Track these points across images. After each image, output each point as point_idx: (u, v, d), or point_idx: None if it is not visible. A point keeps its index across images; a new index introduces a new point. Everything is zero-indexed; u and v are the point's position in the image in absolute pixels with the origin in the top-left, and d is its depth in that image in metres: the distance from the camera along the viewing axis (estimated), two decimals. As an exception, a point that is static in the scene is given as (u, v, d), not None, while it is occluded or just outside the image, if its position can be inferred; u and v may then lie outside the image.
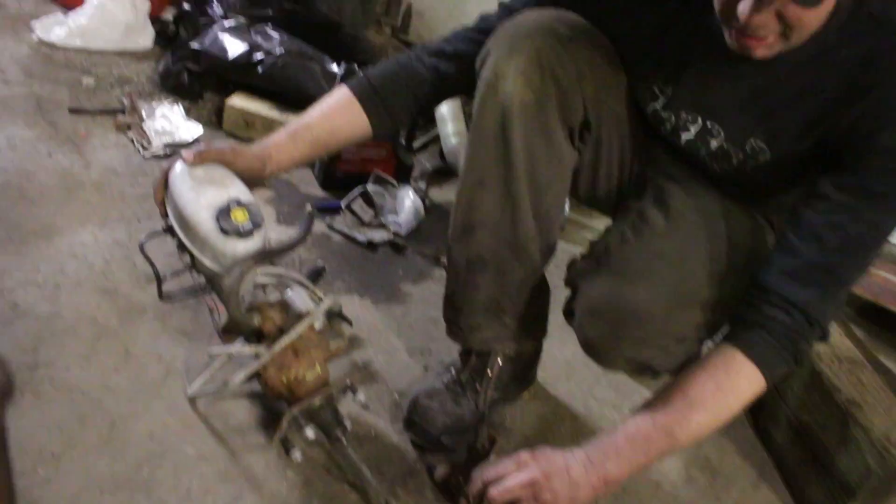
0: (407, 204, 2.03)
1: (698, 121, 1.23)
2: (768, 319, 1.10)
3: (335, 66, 2.32)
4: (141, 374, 1.34)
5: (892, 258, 2.60)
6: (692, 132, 1.25)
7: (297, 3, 2.52)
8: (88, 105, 2.18)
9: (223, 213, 1.13)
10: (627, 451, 1.12)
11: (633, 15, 1.25)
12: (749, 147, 1.19)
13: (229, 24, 2.36)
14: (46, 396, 1.25)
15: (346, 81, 1.39)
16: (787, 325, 1.09)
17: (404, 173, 2.23)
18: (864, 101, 1.07)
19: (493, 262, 1.30)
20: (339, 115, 1.37)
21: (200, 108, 2.34)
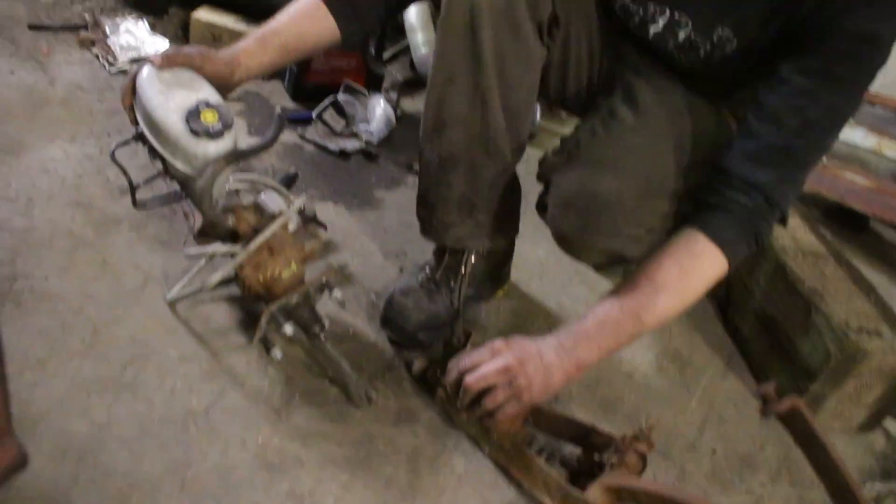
0: (378, 112, 2.03)
1: (666, 12, 1.24)
2: (729, 201, 1.13)
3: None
4: (120, 283, 1.36)
5: (857, 160, 2.65)
6: (660, 24, 1.26)
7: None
8: (49, 21, 2.13)
9: (193, 115, 1.12)
10: (597, 336, 1.16)
11: None
12: (716, 37, 1.20)
13: (191, -66, 2.29)
14: (27, 306, 1.26)
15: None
16: (748, 206, 1.12)
17: (375, 83, 2.22)
18: None
19: (465, 158, 1.31)
20: (307, 20, 1.35)
21: (166, 23, 2.29)
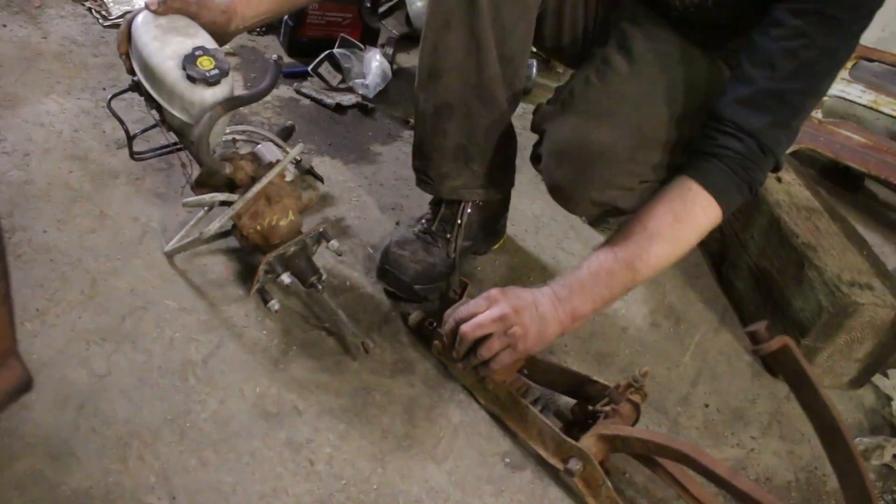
0: (374, 66, 2.02)
1: None
2: (721, 148, 1.13)
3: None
4: (118, 235, 1.36)
5: (854, 116, 2.65)
6: None
7: None
8: (41, -26, 2.11)
9: (189, 61, 1.12)
10: (592, 286, 1.16)
11: None
12: None
13: None
14: (26, 257, 1.27)
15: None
16: (741, 152, 1.12)
17: (370, 37, 2.20)
18: None
19: (460, 107, 1.31)
20: None
21: (159, -23, 2.27)
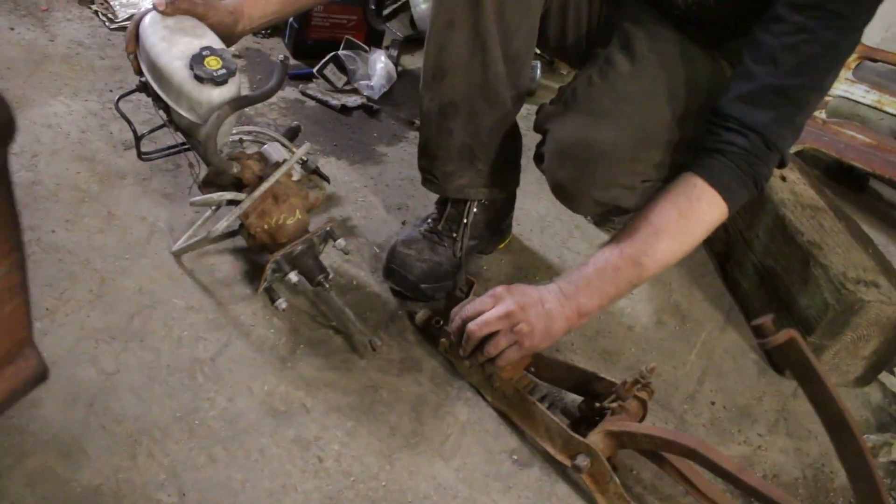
0: (379, 67, 2.03)
1: None
2: (726, 144, 1.13)
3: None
4: (125, 235, 1.37)
5: (858, 116, 2.65)
6: None
7: None
8: (47, -23, 2.12)
9: (197, 61, 1.12)
10: (598, 283, 1.16)
11: None
12: None
13: None
14: (35, 257, 1.28)
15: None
16: (745, 148, 1.12)
17: (375, 39, 2.21)
18: None
19: (465, 106, 1.32)
20: None
21: (164, -20, 2.28)
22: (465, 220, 1.44)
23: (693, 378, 1.52)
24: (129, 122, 1.30)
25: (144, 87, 1.25)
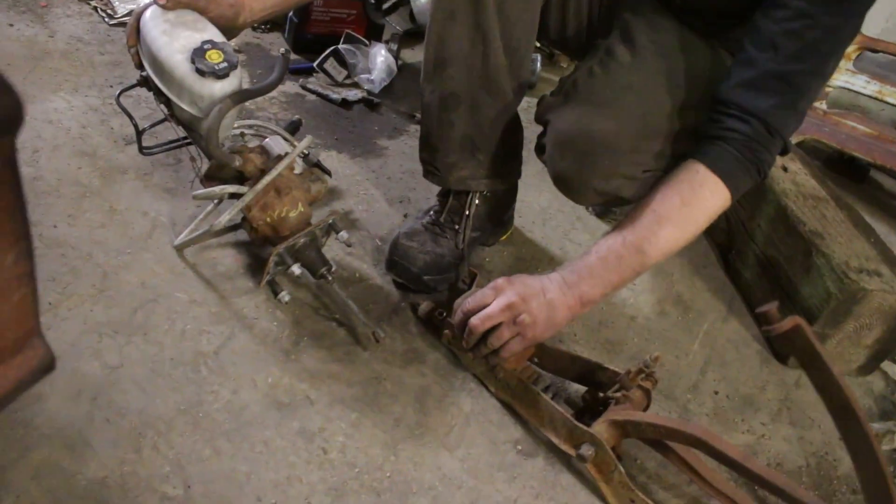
0: (379, 61, 2.03)
1: None
2: (728, 131, 1.13)
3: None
4: (127, 229, 1.37)
5: (859, 107, 2.64)
6: None
7: None
8: (46, -26, 2.12)
9: (198, 55, 1.12)
10: (601, 271, 1.16)
11: None
12: None
13: None
14: (37, 252, 1.24)
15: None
16: (748, 135, 1.12)
17: (375, 33, 2.21)
18: None
19: (466, 97, 1.32)
20: None
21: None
22: (467, 212, 1.44)
23: (696, 368, 1.52)
24: (130, 117, 1.30)
25: (145, 82, 1.25)
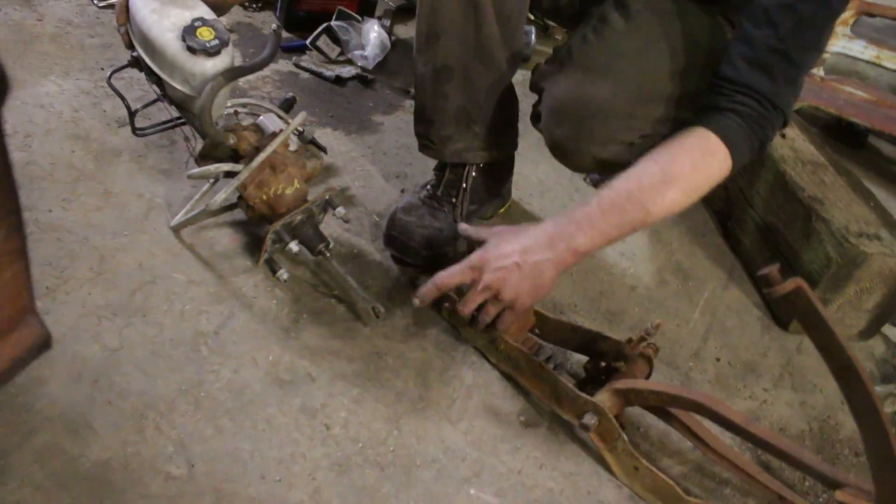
0: (372, 37, 2.02)
1: None
2: (739, 105, 1.13)
3: None
4: (123, 212, 1.36)
5: (856, 73, 2.63)
6: None
7: None
8: (33, -43, 2.09)
9: (189, 33, 1.11)
10: (600, 222, 1.13)
11: None
12: None
13: None
14: (33, 237, 1.26)
15: None
16: (758, 111, 1.12)
17: (368, 9, 2.19)
18: None
19: (460, 69, 1.31)
20: None
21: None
22: (464, 185, 1.44)
23: (697, 335, 1.52)
24: (122, 98, 1.29)
25: (136, 62, 1.24)
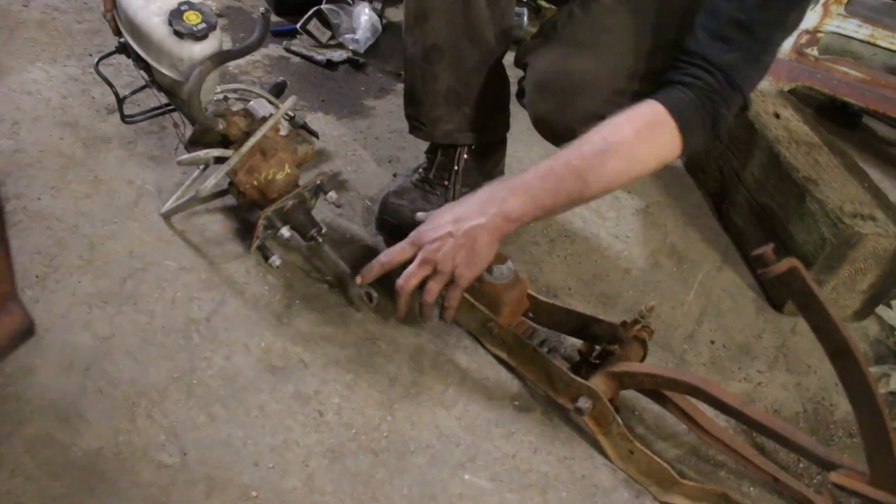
0: (363, 20, 2.00)
1: None
2: (691, 78, 1.11)
3: None
4: (113, 199, 1.35)
5: (850, 52, 2.62)
6: None
7: None
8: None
9: (175, 17, 1.10)
10: (536, 190, 1.12)
11: None
12: None
13: None
14: (22, 225, 1.26)
15: None
16: (710, 84, 1.10)
17: (358, -8, 2.17)
18: None
19: (449, 48, 1.29)
20: None
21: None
22: (455, 168, 1.43)
23: (692, 318, 1.52)
24: (110, 85, 1.28)
25: (124, 48, 1.23)
